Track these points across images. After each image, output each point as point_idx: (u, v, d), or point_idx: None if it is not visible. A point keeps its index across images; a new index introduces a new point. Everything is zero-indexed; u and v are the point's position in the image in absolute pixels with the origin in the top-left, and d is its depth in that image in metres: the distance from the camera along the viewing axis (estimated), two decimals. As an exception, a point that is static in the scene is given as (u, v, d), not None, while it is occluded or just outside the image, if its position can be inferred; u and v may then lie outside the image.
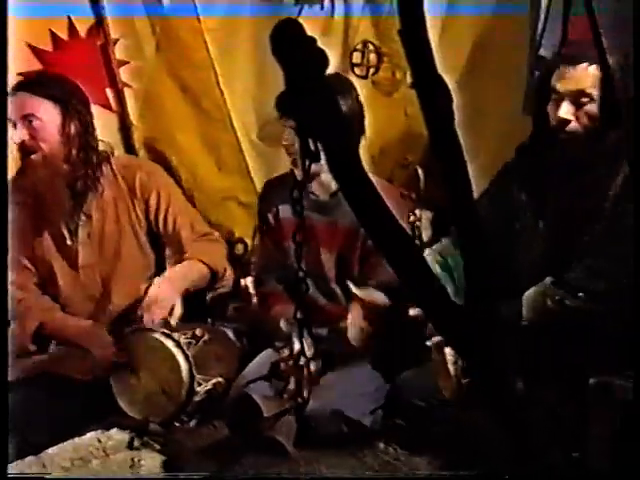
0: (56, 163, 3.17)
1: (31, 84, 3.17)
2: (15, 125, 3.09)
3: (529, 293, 2.73)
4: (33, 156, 3.13)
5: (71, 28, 3.56)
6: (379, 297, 2.93)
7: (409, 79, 1.39)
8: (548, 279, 2.71)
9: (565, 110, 2.69)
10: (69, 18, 3.54)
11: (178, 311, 3.06)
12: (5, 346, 2.19)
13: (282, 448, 2.63)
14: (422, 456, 2.61)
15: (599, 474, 2.03)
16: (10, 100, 3.04)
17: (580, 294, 2.61)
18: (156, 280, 3.08)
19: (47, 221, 3.27)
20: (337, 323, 3.08)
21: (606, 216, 2.70)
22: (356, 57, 3.52)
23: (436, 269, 2.79)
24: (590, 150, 2.72)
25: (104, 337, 3.14)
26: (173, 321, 3.04)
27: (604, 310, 2.56)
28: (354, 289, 2.93)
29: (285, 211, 3.16)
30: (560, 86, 2.71)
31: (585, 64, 2.66)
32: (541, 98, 2.80)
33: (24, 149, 3.12)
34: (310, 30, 1.35)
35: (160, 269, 3.30)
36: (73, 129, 3.16)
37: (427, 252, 2.93)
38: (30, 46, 3.52)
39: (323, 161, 1.34)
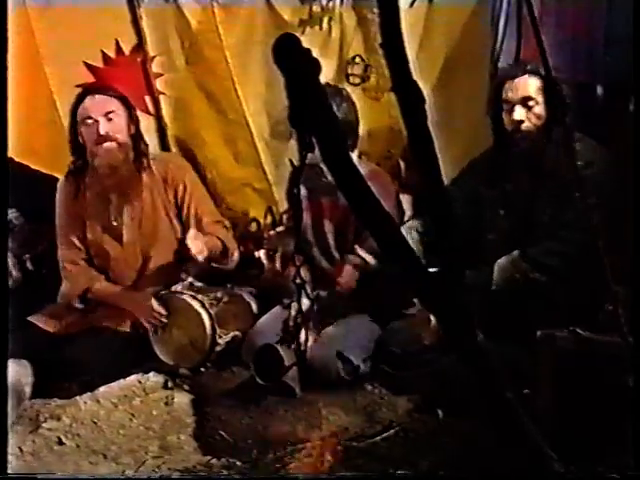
0: (125, 151, 3.17)
1: (103, 89, 3.22)
2: (96, 121, 3.09)
3: (500, 263, 2.73)
4: (107, 144, 3.12)
5: (118, 48, 3.55)
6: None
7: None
8: (516, 252, 2.72)
9: (518, 113, 2.76)
10: (116, 40, 3.53)
11: (205, 253, 3.03)
12: (6, 349, 2.14)
13: (291, 390, 2.61)
14: (401, 395, 2.59)
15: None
16: (89, 100, 3.12)
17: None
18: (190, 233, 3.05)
19: (97, 207, 3.24)
20: (335, 285, 3.06)
21: (559, 201, 2.71)
22: (350, 68, 3.48)
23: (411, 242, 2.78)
24: (541, 144, 2.76)
25: (140, 299, 3.13)
26: (201, 257, 3.01)
27: (554, 280, 2.65)
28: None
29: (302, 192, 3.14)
30: (511, 95, 2.78)
31: (525, 76, 2.76)
32: (495, 109, 2.85)
33: (101, 140, 3.11)
34: (311, 46, 1.31)
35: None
36: (133, 128, 3.21)
37: (404, 228, 2.93)
38: (85, 63, 3.51)
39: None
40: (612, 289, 1.68)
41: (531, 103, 2.75)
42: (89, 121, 3.11)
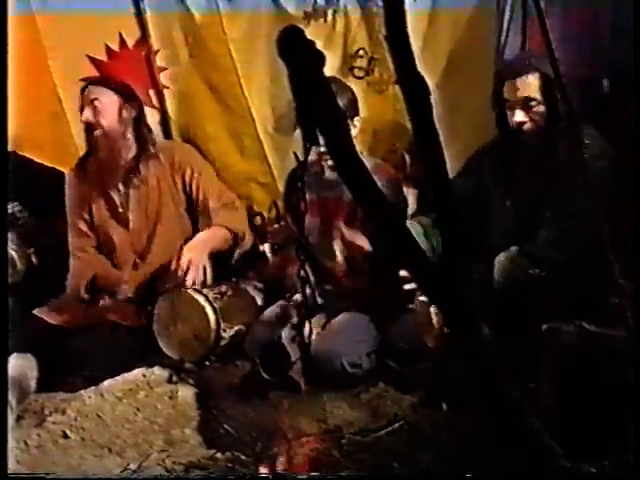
0: (114, 137, 3.21)
1: (97, 81, 3.29)
2: (83, 109, 3.19)
3: (499, 260, 2.71)
4: (96, 132, 3.19)
5: (121, 41, 3.55)
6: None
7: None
8: (514, 248, 2.70)
9: (519, 116, 2.72)
10: (120, 34, 3.53)
11: (209, 270, 3.08)
12: (6, 348, 2.16)
13: (296, 385, 2.61)
14: (406, 391, 2.58)
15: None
16: (84, 93, 3.22)
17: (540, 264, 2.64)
18: (184, 250, 3.08)
19: (103, 193, 3.29)
20: (339, 281, 3.05)
21: (559, 194, 2.69)
22: (354, 62, 3.47)
23: (418, 237, 2.76)
24: (543, 141, 2.72)
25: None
26: (208, 279, 3.05)
27: (556, 273, 2.60)
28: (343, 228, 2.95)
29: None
30: (511, 96, 2.74)
31: (524, 76, 2.70)
32: (499, 105, 2.81)
33: (89, 127, 3.20)
34: (315, 39, 1.31)
35: (196, 232, 3.30)
36: (128, 114, 3.24)
37: (409, 222, 2.90)
38: (89, 57, 3.53)
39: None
40: (618, 282, 1.67)
41: (532, 103, 2.69)
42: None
